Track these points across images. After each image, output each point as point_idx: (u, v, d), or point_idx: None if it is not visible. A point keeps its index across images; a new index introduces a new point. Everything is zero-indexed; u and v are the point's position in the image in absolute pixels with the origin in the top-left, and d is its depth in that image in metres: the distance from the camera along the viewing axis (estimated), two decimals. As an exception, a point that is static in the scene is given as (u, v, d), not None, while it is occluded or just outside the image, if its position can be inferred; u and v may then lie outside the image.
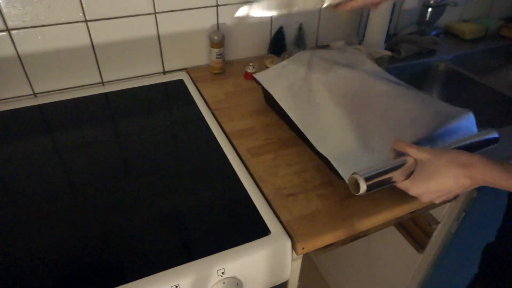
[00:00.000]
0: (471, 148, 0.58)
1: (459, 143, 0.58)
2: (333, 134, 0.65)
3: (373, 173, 0.53)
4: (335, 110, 0.69)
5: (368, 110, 0.69)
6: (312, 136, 0.65)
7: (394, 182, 0.55)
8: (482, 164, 0.49)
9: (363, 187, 0.52)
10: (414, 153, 0.55)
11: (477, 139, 0.60)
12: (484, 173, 0.49)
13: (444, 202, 0.72)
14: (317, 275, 1.50)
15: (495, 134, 0.60)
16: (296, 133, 0.76)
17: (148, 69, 0.97)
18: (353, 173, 0.53)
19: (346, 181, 0.56)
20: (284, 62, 0.83)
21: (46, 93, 0.89)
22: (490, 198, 0.78)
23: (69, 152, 0.72)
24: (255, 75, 0.82)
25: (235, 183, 0.64)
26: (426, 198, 0.55)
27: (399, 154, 0.58)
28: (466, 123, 0.65)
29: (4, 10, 0.76)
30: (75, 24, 0.83)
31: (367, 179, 0.52)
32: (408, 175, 0.55)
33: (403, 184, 0.55)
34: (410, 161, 0.55)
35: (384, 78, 0.76)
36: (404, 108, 0.68)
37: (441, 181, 0.52)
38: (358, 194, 0.53)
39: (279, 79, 0.79)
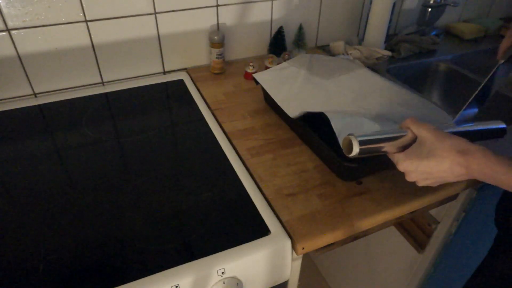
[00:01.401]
0: (476, 134, 0.57)
1: (464, 127, 0.56)
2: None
3: (368, 138, 0.52)
4: (334, 111, 0.69)
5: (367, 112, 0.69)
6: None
7: (386, 152, 0.54)
8: (481, 154, 0.47)
9: (355, 150, 0.51)
10: (416, 128, 0.52)
11: (483, 127, 0.58)
12: (481, 164, 0.47)
13: (435, 205, 0.71)
14: (317, 275, 1.50)
15: (502, 125, 0.58)
16: (296, 133, 0.76)
17: (148, 69, 0.97)
18: (349, 134, 0.53)
19: (341, 143, 0.55)
20: (284, 64, 0.83)
21: (46, 93, 0.89)
22: (490, 198, 0.78)
23: (69, 152, 0.72)
24: (254, 75, 0.82)
25: (235, 183, 0.64)
26: (412, 177, 0.53)
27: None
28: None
29: (4, 10, 0.76)
30: (75, 24, 0.83)
31: (361, 143, 0.51)
32: (402, 149, 0.54)
33: (394, 156, 0.54)
34: (409, 135, 0.53)
35: (381, 84, 0.77)
36: (399, 113, 0.69)
37: (434, 164, 0.49)
38: (350, 155, 0.52)
39: (278, 80, 0.79)
